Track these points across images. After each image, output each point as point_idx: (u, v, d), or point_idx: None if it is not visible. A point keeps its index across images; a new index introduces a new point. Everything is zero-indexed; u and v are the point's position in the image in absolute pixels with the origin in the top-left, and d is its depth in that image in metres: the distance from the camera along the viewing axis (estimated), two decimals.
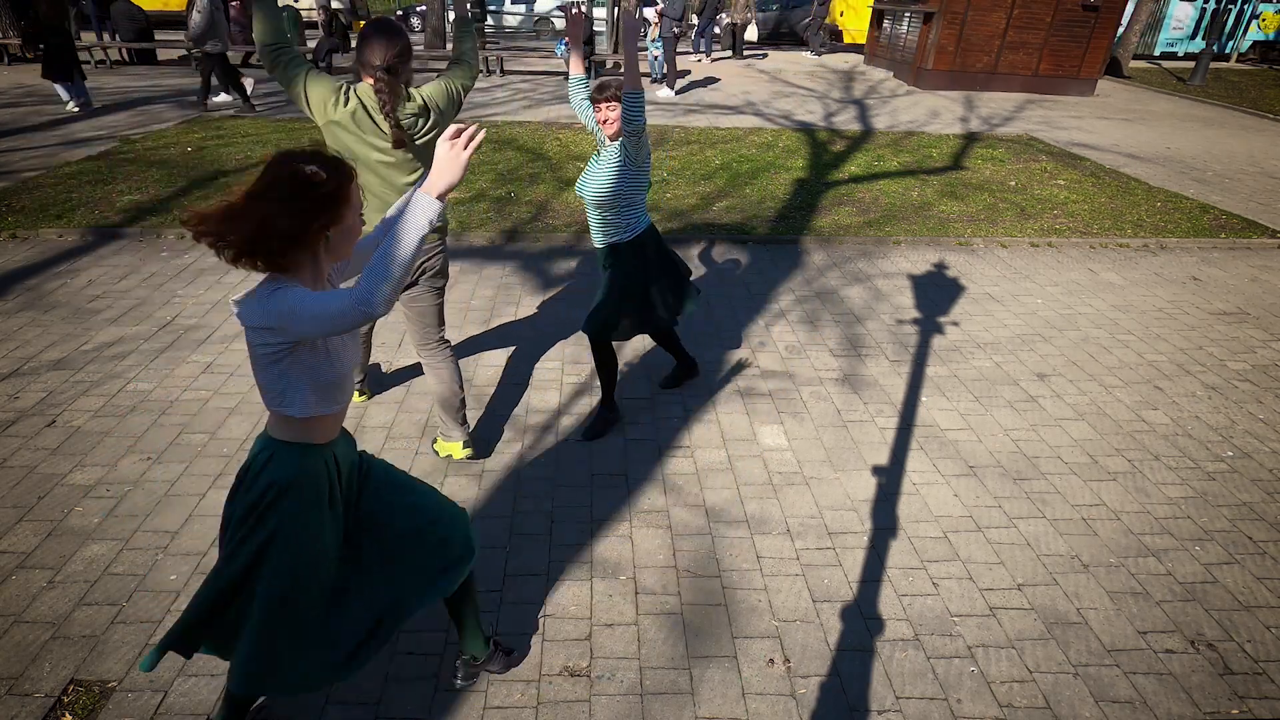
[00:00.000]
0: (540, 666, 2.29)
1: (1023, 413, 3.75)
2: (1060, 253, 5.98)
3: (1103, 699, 2.26)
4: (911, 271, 5.43)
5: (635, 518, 2.93)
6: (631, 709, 2.18)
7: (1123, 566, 2.79)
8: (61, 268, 4.89)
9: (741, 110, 10.89)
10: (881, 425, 3.60)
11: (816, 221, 6.27)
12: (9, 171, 6.69)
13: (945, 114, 11.27)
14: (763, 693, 2.24)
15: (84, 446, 3.19)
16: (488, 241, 5.68)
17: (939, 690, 2.27)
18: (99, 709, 2.10)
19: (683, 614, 2.51)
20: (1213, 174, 8.45)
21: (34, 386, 3.60)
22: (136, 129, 8.37)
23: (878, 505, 3.06)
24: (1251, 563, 2.84)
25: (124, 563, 2.60)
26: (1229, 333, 4.70)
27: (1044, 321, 4.76)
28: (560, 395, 3.73)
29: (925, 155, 8.62)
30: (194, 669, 2.22)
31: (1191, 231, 6.44)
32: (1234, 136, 10.65)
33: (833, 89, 13.11)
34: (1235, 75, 17.16)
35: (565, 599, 2.54)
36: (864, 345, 4.35)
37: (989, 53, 13.28)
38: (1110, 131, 10.56)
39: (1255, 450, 3.53)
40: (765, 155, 8.30)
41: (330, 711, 2.12)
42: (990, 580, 2.70)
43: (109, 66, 12.38)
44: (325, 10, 13.05)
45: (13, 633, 2.32)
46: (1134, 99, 13.66)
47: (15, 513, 2.81)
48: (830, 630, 2.47)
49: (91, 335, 4.07)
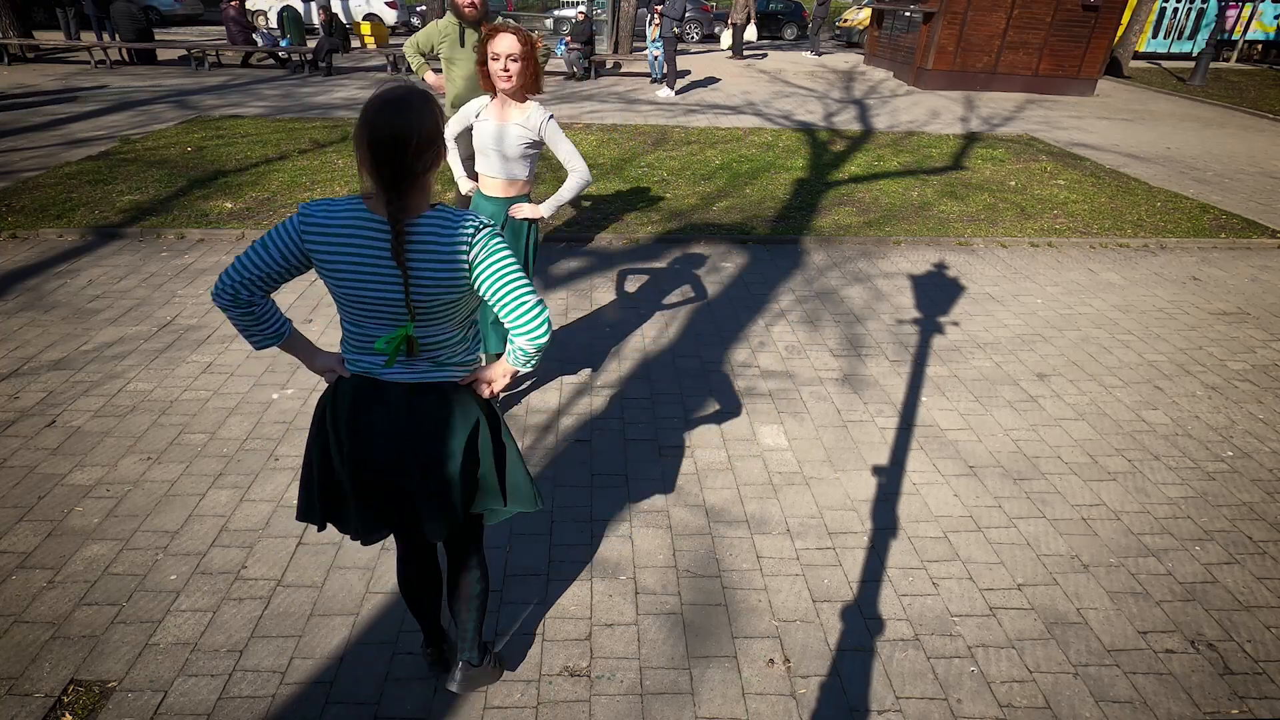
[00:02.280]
0: (540, 666, 2.29)
1: (1023, 413, 3.75)
2: (1060, 253, 5.98)
3: (1103, 699, 2.26)
4: (911, 271, 5.43)
5: (635, 518, 2.93)
6: (631, 709, 2.18)
7: (1123, 566, 2.79)
8: (61, 268, 4.89)
9: (741, 110, 10.89)
10: (881, 425, 3.60)
11: (816, 221, 6.27)
12: (9, 171, 6.69)
13: (945, 114, 11.27)
14: (763, 693, 2.24)
15: (84, 446, 3.19)
16: None
17: (939, 690, 2.27)
18: (99, 709, 2.10)
19: (683, 614, 2.51)
20: (1213, 174, 8.45)
21: (34, 386, 3.60)
22: (136, 129, 8.37)
23: (878, 505, 3.06)
24: (1251, 563, 2.84)
25: (124, 563, 2.60)
26: (1229, 333, 4.70)
27: (1044, 321, 4.76)
28: (560, 395, 3.73)
29: (925, 155, 8.62)
30: (194, 669, 2.22)
31: (1191, 231, 6.44)
32: (1234, 136, 10.65)
33: (833, 89, 13.11)
34: (1235, 75, 17.15)
35: (565, 599, 2.54)
36: (864, 345, 4.35)
37: (989, 53, 13.29)
38: (1110, 131, 10.56)
39: (1255, 450, 3.53)
40: (765, 155, 8.30)
41: (330, 711, 2.12)
42: (990, 580, 2.70)
43: (109, 66, 12.38)
44: (325, 10, 13.05)
45: (13, 633, 2.32)
46: (1134, 99, 13.66)
47: (15, 513, 2.81)
48: (830, 630, 2.47)
49: (91, 335, 4.07)
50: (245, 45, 12.85)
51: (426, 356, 1.65)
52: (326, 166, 7.18)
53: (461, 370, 1.72)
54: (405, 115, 1.44)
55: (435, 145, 1.51)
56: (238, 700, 2.14)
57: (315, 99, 10.55)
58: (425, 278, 1.52)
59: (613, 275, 5.15)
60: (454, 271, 1.53)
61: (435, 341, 1.64)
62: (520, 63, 2.72)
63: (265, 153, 7.55)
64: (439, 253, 1.52)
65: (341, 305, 1.61)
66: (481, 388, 1.75)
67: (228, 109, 9.63)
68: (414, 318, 1.56)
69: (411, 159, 1.45)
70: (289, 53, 12.93)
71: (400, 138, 1.43)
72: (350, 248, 1.51)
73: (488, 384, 1.75)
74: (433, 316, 1.59)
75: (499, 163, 2.95)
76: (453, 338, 1.67)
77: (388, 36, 17.31)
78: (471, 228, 1.53)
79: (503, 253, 1.55)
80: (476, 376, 1.75)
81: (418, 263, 1.51)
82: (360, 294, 1.54)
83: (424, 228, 1.51)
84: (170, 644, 2.30)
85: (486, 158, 2.96)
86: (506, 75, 2.72)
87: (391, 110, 1.44)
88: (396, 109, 1.45)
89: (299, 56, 12.84)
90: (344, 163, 7.31)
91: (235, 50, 12.80)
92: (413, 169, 1.47)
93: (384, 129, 1.43)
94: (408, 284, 1.50)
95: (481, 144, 2.92)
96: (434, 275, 1.53)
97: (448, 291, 1.56)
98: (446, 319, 1.62)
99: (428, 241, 1.51)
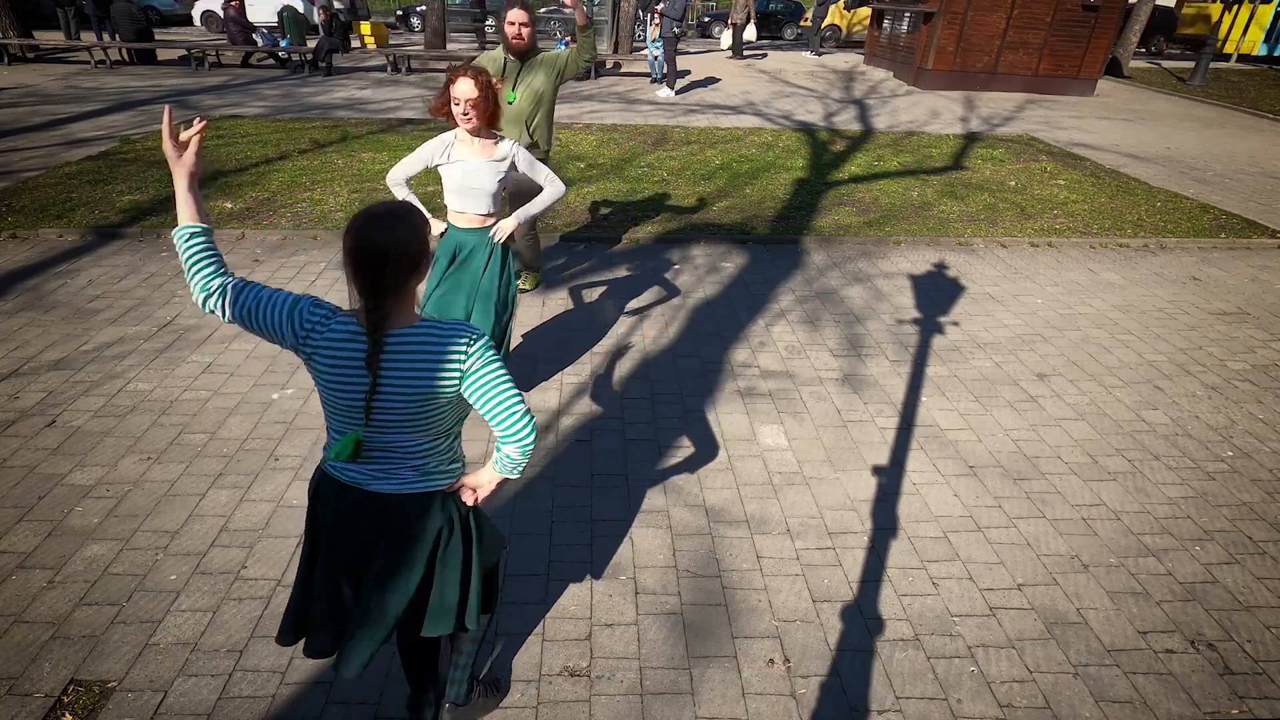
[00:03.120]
0: (540, 666, 2.29)
1: (1023, 413, 3.75)
2: (1060, 253, 5.98)
3: (1103, 699, 2.26)
4: (911, 271, 5.43)
5: (635, 518, 2.93)
6: (631, 709, 2.18)
7: (1123, 566, 2.79)
8: (61, 268, 4.89)
9: (741, 110, 10.89)
10: (881, 425, 3.60)
11: (816, 221, 6.27)
12: (9, 171, 6.69)
13: (945, 114, 11.27)
14: (763, 693, 2.24)
15: (84, 446, 3.19)
16: None
17: (939, 690, 2.27)
18: (99, 709, 2.10)
19: (683, 614, 2.51)
20: (1213, 174, 8.45)
21: (34, 386, 3.60)
22: (136, 129, 8.37)
23: (878, 505, 3.06)
24: (1251, 563, 2.84)
25: (124, 563, 2.60)
26: (1229, 333, 4.70)
27: (1044, 321, 4.76)
28: (560, 395, 3.73)
29: (925, 155, 8.62)
30: (194, 669, 2.22)
31: (1191, 231, 6.44)
32: (1234, 136, 10.65)
33: (833, 89, 13.11)
34: (1235, 75, 17.15)
35: (565, 599, 2.54)
36: (864, 345, 4.35)
37: (989, 53, 13.29)
38: (1110, 131, 10.56)
39: (1255, 450, 3.53)
40: (765, 155, 8.30)
41: (330, 711, 2.12)
42: (990, 580, 2.70)
43: (109, 66, 12.38)
44: (325, 10, 13.05)
45: (13, 633, 2.32)
46: (1134, 99, 13.66)
47: (15, 513, 2.81)
48: (830, 630, 2.47)
49: (91, 335, 4.07)
50: (245, 45, 12.85)
51: (410, 466, 1.66)
52: (326, 166, 7.18)
53: (446, 479, 1.73)
54: (390, 230, 1.48)
55: (419, 262, 1.54)
56: (238, 700, 2.14)
57: (315, 99, 10.55)
58: (399, 389, 1.54)
59: (613, 275, 5.15)
60: (435, 383, 1.56)
61: (418, 449, 1.65)
62: (479, 106, 2.84)
63: (265, 153, 7.55)
64: (422, 365, 1.54)
65: (323, 402, 1.64)
66: (465, 494, 1.75)
67: (228, 109, 9.63)
68: (369, 421, 1.58)
69: (392, 271, 1.49)
70: (289, 53, 12.92)
71: (381, 251, 1.47)
72: (335, 349, 1.54)
73: (473, 490, 1.75)
74: (407, 425, 1.60)
75: (476, 198, 3.05)
76: (437, 446, 1.68)
77: (388, 36, 17.33)
78: (466, 340, 1.56)
79: (496, 363, 1.58)
80: (462, 482, 1.75)
81: (394, 373, 1.53)
82: (335, 393, 1.57)
83: (412, 339, 1.54)
84: (170, 644, 2.30)
85: (464, 196, 3.05)
86: (468, 119, 2.86)
87: (376, 224, 1.48)
88: (382, 224, 1.49)
89: (299, 56, 12.84)
90: (344, 163, 7.31)
91: (235, 50, 12.80)
92: (394, 281, 1.50)
93: (365, 241, 1.47)
94: (373, 390, 1.53)
95: (460, 184, 3.02)
96: (411, 386, 1.55)
97: (424, 403, 1.57)
98: (425, 428, 1.63)
99: (413, 353, 1.54)
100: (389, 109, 9.96)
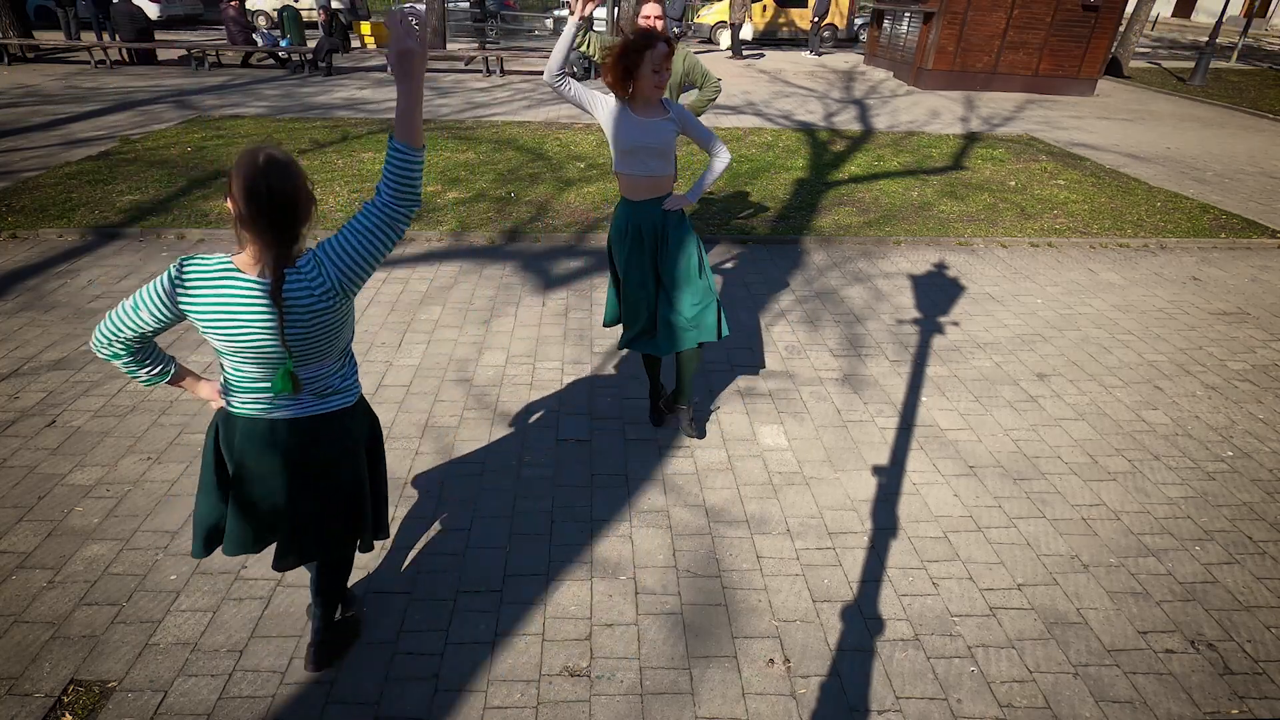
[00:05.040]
0: (540, 666, 2.29)
1: (1023, 413, 3.75)
2: (1060, 253, 5.98)
3: (1103, 699, 2.26)
4: (911, 271, 5.43)
5: (635, 518, 2.93)
6: (631, 709, 2.18)
7: (1123, 566, 2.79)
8: (61, 268, 4.89)
9: (741, 110, 10.89)
10: (881, 425, 3.60)
11: (816, 221, 6.27)
12: (9, 171, 6.69)
13: (945, 114, 11.27)
14: (763, 693, 2.24)
15: (84, 446, 3.19)
16: (488, 241, 5.68)
17: (939, 690, 2.27)
18: (99, 709, 2.10)
19: (683, 614, 2.51)
20: (1213, 174, 8.45)
21: (34, 386, 3.60)
22: (136, 129, 8.37)
23: (878, 505, 3.06)
24: (1251, 563, 2.84)
25: (124, 563, 2.60)
26: (1229, 333, 4.70)
27: (1044, 321, 4.76)
28: (561, 395, 3.73)
29: (925, 155, 8.62)
30: (194, 669, 2.22)
31: (1191, 231, 6.44)
32: (1234, 136, 10.66)
33: (833, 89, 13.11)
34: (1235, 75, 17.15)
35: (565, 599, 2.54)
36: (864, 345, 4.35)
37: (989, 53, 13.29)
38: (1110, 131, 10.56)
39: (1255, 450, 3.53)
40: (765, 155, 8.30)
41: (330, 711, 2.12)
42: (990, 580, 2.70)
43: (109, 66, 12.38)
44: (325, 10, 13.05)
45: (13, 633, 2.32)
46: (1134, 99, 13.66)
47: (15, 513, 2.81)
48: (830, 630, 2.47)
49: (91, 335, 4.07)
50: (245, 45, 12.85)
51: (310, 391, 1.78)
52: (326, 166, 7.18)
53: (344, 398, 1.85)
54: (291, 178, 1.54)
55: (312, 204, 1.62)
56: (238, 700, 2.14)
57: (315, 99, 10.55)
58: (300, 319, 1.63)
59: None
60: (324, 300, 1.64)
61: (317, 376, 1.77)
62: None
63: None
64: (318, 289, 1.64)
65: (222, 353, 1.71)
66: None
67: (228, 109, 9.63)
68: (291, 355, 1.68)
69: (302, 216, 1.57)
70: (289, 53, 12.93)
71: (292, 199, 1.55)
72: (223, 299, 1.61)
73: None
74: (311, 354, 1.71)
75: (651, 161, 2.87)
76: (332, 369, 1.80)
77: (388, 37, 17.30)
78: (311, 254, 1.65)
79: (345, 228, 1.66)
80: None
81: (293, 304, 1.62)
82: (236, 340, 1.64)
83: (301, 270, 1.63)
84: (170, 644, 2.30)
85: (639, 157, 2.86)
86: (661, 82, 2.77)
87: (287, 171, 1.54)
88: (293, 169, 1.56)
89: (299, 56, 12.84)
90: (343, 162, 7.31)
91: (235, 50, 12.80)
92: (301, 226, 1.59)
93: (278, 186, 1.52)
94: (283, 327, 1.62)
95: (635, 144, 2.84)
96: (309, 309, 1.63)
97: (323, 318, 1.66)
98: (324, 354, 1.74)
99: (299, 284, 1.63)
100: (389, 109, 9.96)
